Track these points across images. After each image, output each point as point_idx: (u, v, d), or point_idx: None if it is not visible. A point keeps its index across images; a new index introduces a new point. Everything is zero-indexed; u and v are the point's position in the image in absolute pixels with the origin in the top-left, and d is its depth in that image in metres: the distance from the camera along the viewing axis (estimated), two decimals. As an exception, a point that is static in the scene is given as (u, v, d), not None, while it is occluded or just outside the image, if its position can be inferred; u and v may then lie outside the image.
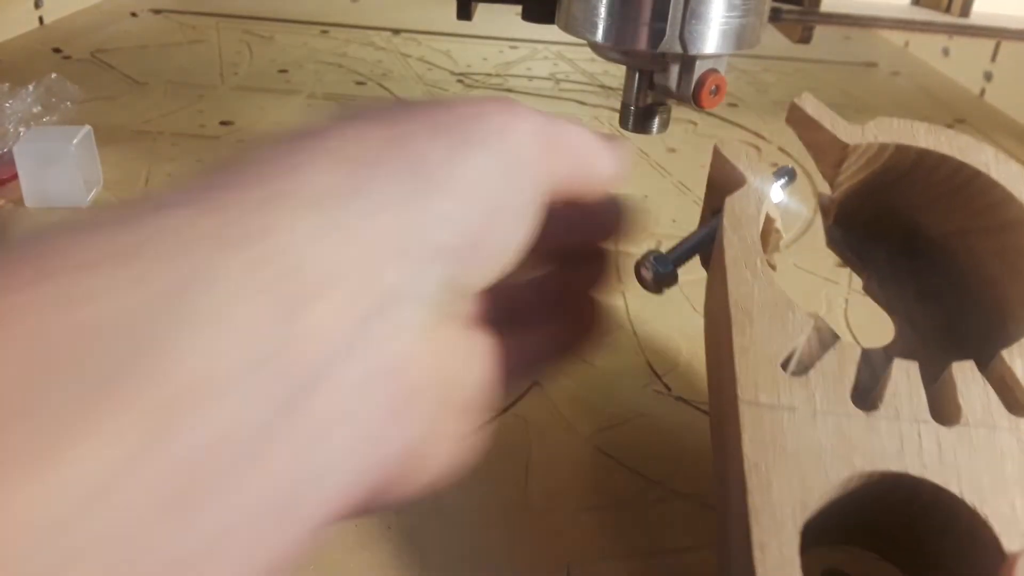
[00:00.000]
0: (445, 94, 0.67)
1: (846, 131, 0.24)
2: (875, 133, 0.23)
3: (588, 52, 0.43)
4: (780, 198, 0.25)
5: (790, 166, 0.26)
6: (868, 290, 0.27)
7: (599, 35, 0.35)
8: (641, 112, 0.36)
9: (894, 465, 0.19)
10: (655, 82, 0.37)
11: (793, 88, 0.77)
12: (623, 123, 0.36)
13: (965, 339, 0.25)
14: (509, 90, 0.69)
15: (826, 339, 0.22)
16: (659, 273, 0.24)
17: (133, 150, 0.53)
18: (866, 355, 0.25)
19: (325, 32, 0.83)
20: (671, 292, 0.41)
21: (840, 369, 0.20)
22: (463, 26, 0.51)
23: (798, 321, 0.21)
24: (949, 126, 0.73)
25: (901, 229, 0.27)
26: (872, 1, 0.69)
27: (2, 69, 0.65)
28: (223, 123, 0.58)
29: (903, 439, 0.19)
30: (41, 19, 0.77)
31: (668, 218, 0.48)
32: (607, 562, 0.26)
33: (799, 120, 0.24)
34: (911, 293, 0.27)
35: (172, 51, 0.74)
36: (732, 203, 0.23)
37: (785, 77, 0.79)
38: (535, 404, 0.33)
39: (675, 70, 0.36)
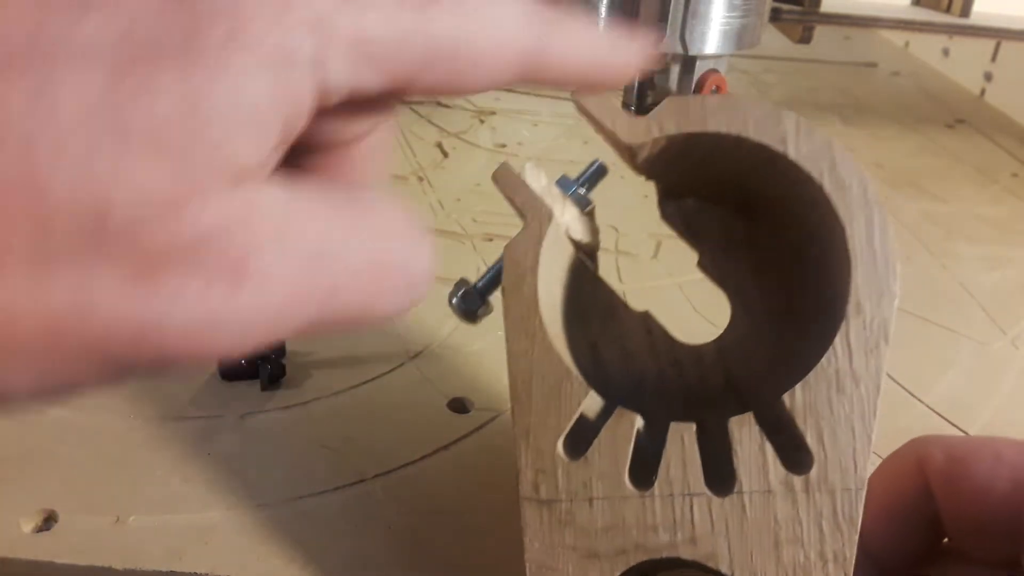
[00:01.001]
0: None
1: (627, 129, 0.21)
2: (660, 125, 0.21)
3: (588, 52, 0.43)
4: (586, 204, 0.24)
5: (598, 161, 0.25)
6: (702, 266, 0.26)
7: (599, 35, 0.35)
8: (641, 113, 0.36)
9: (666, 550, 0.19)
10: (655, 82, 0.37)
11: (794, 88, 0.77)
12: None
13: (802, 320, 0.24)
14: (509, 90, 0.69)
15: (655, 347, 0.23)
16: (467, 305, 0.25)
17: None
18: (696, 355, 0.25)
19: (325, 32, 0.83)
20: (670, 293, 0.41)
21: (616, 444, 0.19)
22: (463, 26, 0.51)
23: (575, 391, 0.19)
24: (949, 126, 0.73)
25: (733, 195, 0.25)
26: (872, 1, 0.69)
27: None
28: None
29: (675, 517, 0.19)
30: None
31: (668, 218, 0.48)
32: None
33: (584, 113, 0.22)
34: (747, 267, 0.25)
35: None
36: (508, 254, 0.21)
37: (786, 77, 0.79)
38: (535, 404, 0.33)
39: (675, 70, 0.36)
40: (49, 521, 0.26)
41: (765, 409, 0.20)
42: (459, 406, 0.33)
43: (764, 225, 0.25)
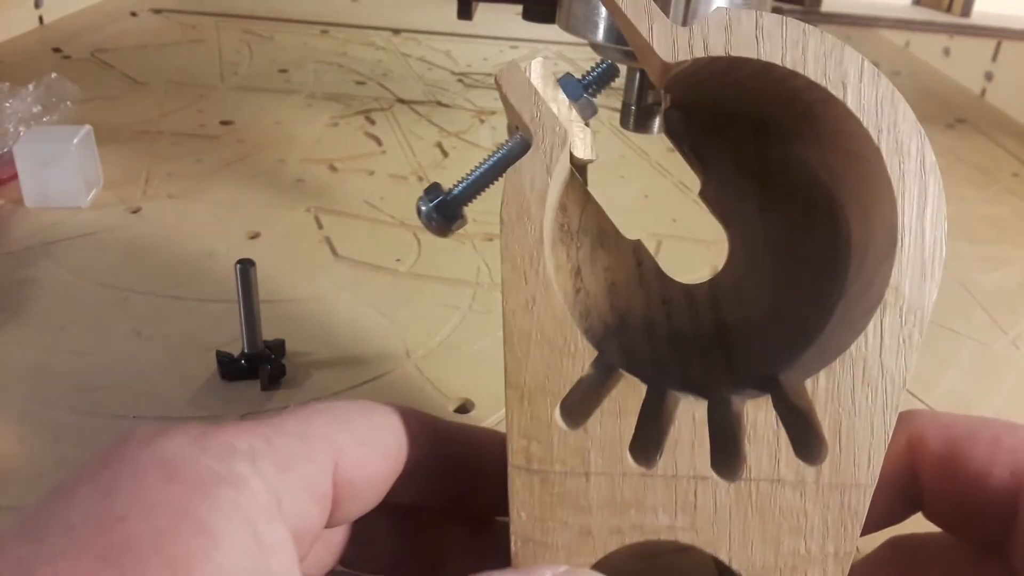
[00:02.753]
0: (445, 93, 0.67)
1: (666, 45, 0.18)
2: (705, 44, 0.17)
3: (589, 52, 0.43)
4: (592, 112, 0.20)
5: (608, 61, 0.21)
6: (705, 195, 0.23)
7: (600, 35, 0.35)
8: (642, 112, 0.36)
9: (664, 532, 0.18)
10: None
11: (794, 88, 0.76)
12: (624, 123, 0.36)
13: (803, 266, 0.22)
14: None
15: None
16: (443, 216, 0.21)
17: (133, 150, 0.53)
18: (688, 295, 0.23)
19: (325, 32, 0.83)
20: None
21: (620, 416, 0.18)
22: (463, 26, 0.50)
23: (580, 353, 0.18)
24: (950, 126, 0.73)
25: (751, 124, 0.23)
26: (873, 1, 0.69)
27: (2, 69, 0.65)
28: (223, 123, 0.58)
29: (677, 500, 0.18)
30: (41, 19, 0.77)
31: (668, 218, 0.48)
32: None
33: (614, 11, 0.18)
34: (754, 202, 0.23)
35: (172, 51, 0.74)
36: (512, 179, 0.18)
37: (785, 77, 0.79)
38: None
39: (676, 70, 0.36)
40: (49, 521, 0.26)
41: (748, 362, 0.18)
42: (460, 406, 0.32)
43: (775, 164, 0.23)
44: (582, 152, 0.20)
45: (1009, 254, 0.48)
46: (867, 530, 0.21)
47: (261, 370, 0.32)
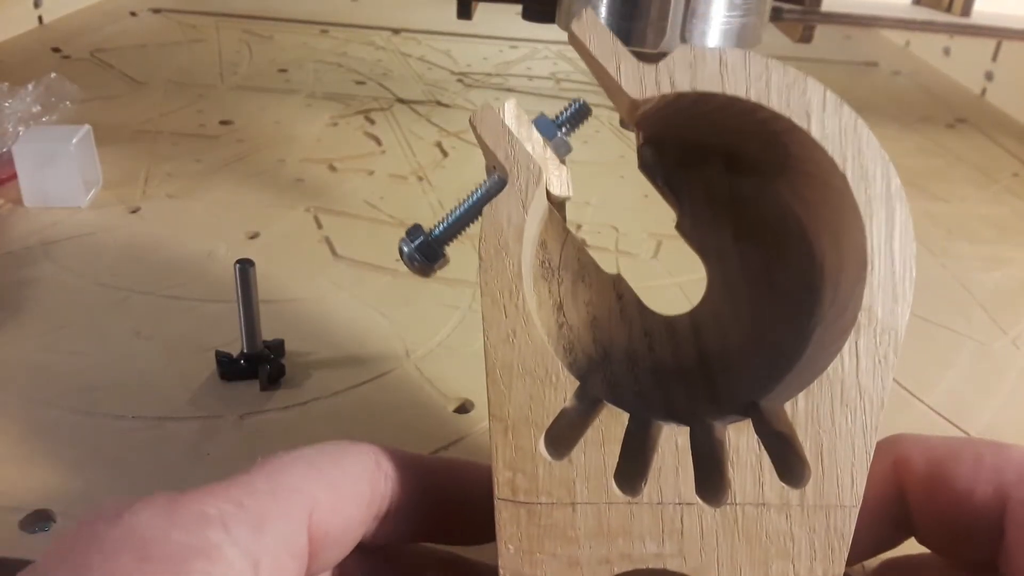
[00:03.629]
0: (444, 92, 0.67)
1: (634, 81, 0.18)
2: (672, 79, 0.18)
3: (588, 51, 0.43)
4: (567, 150, 0.21)
5: (580, 100, 0.21)
6: (681, 228, 0.24)
7: (599, 34, 0.35)
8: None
9: (652, 560, 0.18)
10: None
11: (794, 88, 0.76)
12: (624, 123, 0.36)
13: (780, 295, 0.22)
14: (510, 89, 0.69)
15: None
16: (426, 258, 0.21)
17: (132, 150, 0.53)
18: (669, 327, 0.23)
19: (325, 31, 0.83)
20: (670, 293, 0.41)
21: (603, 445, 0.18)
22: (463, 25, 0.50)
23: (561, 384, 0.18)
24: (950, 126, 0.73)
25: (721, 157, 0.23)
26: (873, 1, 0.69)
27: (1, 68, 0.65)
28: (223, 122, 0.58)
29: (664, 527, 0.18)
30: (40, 18, 0.77)
31: (668, 217, 0.48)
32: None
33: (581, 50, 0.19)
34: (728, 233, 0.23)
35: (172, 51, 0.74)
36: (489, 217, 0.18)
37: (785, 77, 0.79)
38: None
39: (675, 70, 0.36)
40: (47, 521, 0.26)
41: (731, 391, 0.19)
42: (459, 406, 0.32)
43: (748, 192, 0.23)
44: (558, 189, 0.20)
45: (1009, 254, 0.48)
46: (861, 558, 0.21)
47: (260, 370, 0.32)
